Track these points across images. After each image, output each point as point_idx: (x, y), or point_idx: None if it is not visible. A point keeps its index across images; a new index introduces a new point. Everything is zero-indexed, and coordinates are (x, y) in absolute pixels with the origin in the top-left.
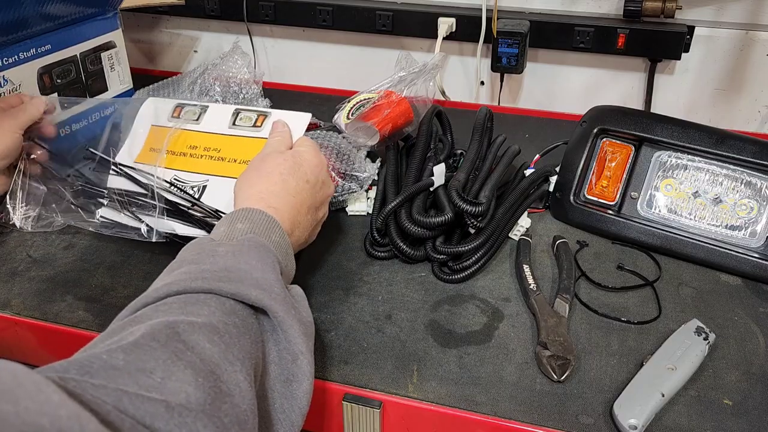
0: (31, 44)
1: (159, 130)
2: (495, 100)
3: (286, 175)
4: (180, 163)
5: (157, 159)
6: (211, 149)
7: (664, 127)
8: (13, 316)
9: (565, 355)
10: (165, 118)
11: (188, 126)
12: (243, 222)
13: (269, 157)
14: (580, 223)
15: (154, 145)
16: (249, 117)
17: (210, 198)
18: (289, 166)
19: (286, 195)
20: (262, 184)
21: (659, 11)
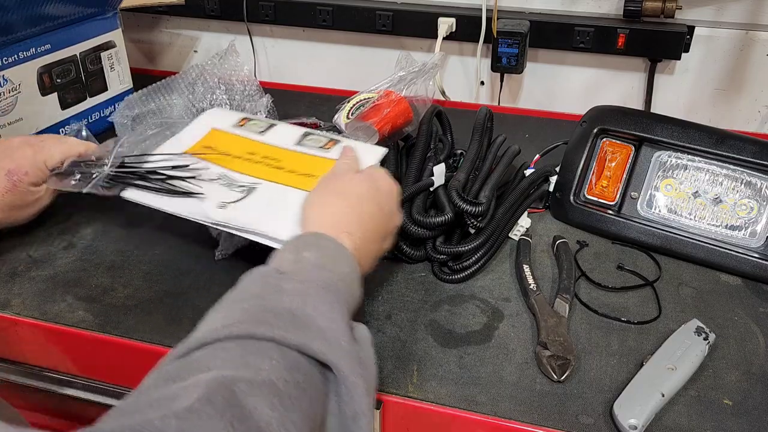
0: (30, 44)
1: (219, 133)
2: (495, 100)
3: (362, 198)
4: (233, 164)
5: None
6: (270, 158)
7: (664, 127)
8: (13, 316)
9: (565, 355)
10: (229, 124)
11: (252, 136)
12: (312, 250)
13: (344, 175)
14: (580, 223)
15: (210, 143)
16: (318, 139)
17: (255, 201)
18: (366, 189)
19: (360, 220)
20: (335, 204)
21: (659, 11)
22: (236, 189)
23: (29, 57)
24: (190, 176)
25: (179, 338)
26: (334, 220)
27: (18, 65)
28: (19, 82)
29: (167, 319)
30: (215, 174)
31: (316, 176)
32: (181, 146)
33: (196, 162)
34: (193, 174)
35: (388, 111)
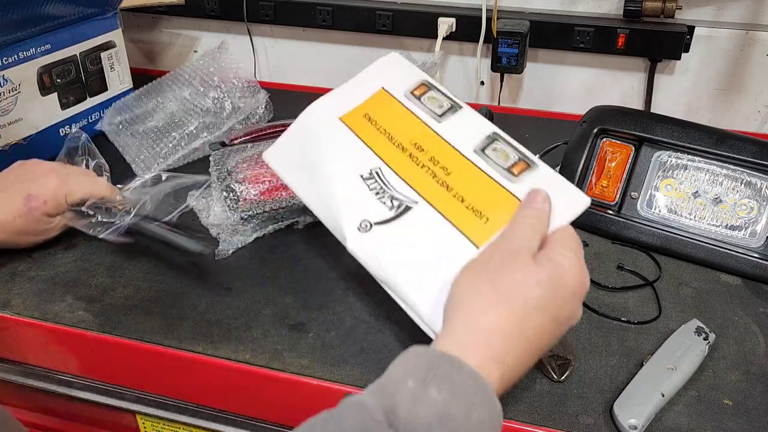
0: (30, 44)
1: (387, 99)
2: (495, 100)
3: (532, 309)
4: (393, 157)
5: (368, 134)
6: (440, 164)
7: (664, 127)
8: (13, 316)
9: (565, 355)
10: (402, 88)
11: (425, 118)
12: (440, 389)
13: (518, 261)
14: (580, 223)
15: (372, 114)
16: (506, 153)
17: (404, 232)
18: (542, 295)
19: (520, 340)
20: (495, 311)
21: (659, 11)
22: (387, 200)
23: (29, 57)
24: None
25: (179, 338)
26: (484, 338)
27: (18, 65)
28: (19, 82)
29: (167, 319)
30: (366, 167)
31: (489, 219)
32: (339, 109)
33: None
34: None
35: None
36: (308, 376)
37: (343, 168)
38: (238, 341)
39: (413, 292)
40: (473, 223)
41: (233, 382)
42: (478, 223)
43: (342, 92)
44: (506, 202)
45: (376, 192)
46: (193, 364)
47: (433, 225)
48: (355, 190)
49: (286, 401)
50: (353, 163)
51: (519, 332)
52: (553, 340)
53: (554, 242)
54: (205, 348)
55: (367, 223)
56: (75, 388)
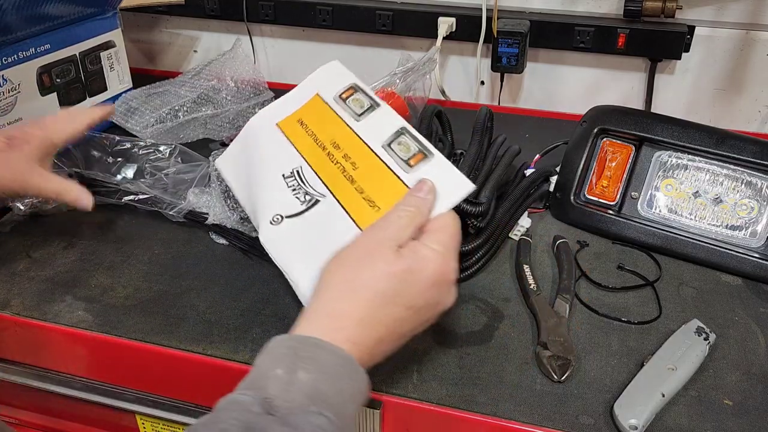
0: (30, 44)
1: (319, 104)
2: (495, 100)
3: (381, 299)
4: (314, 156)
5: (297, 137)
6: (351, 160)
7: (665, 127)
8: (13, 316)
9: (565, 355)
10: (333, 93)
11: (347, 118)
12: (308, 370)
13: (379, 252)
14: (580, 223)
15: (304, 118)
16: (407, 146)
17: (309, 223)
18: (391, 287)
19: (375, 325)
20: (346, 300)
21: (659, 11)
22: (300, 195)
23: (29, 57)
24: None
25: (179, 338)
26: (338, 324)
27: (18, 65)
28: (19, 82)
29: (167, 319)
30: (289, 167)
31: (380, 209)
32: (279, 115)
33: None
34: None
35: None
36: None
37: (270, 169)
38: (238, 341)
39: (303, 280)
40: (366, 213)
41: (233, 382)
42: (370, 213)
43: (283, 101)
44: (398, 191)
45: (293, 189)
46: (193, 364)
47: (333, 216)
48: (277, 189)
49: None
50: (280, 164)
51: (372, 319)
52: (420, 325)
53: (427, 233)
54: (205, 348)
55: (279, 216)
56: (75, 388)
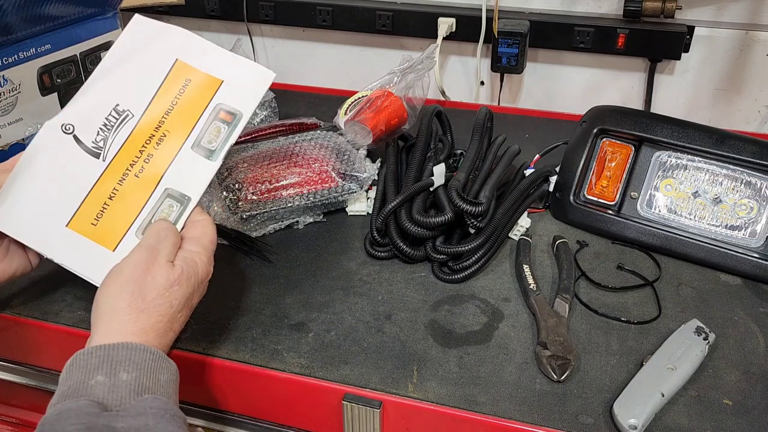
0: (30, 44)
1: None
2: (495, 100)
3: (177, 307)
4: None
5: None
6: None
7: (664, 127)
8: (13, 316)
9: (565, 355)
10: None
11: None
12: (128, 370)
13: (157, 269)
14: (580, 223)
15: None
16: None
17: (77, 161)
18: (184, 293)
19: (169, 330)
20: (145, 319)
21: (659, 11)
22: (102, 133)
23: (29, 57)
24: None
25: (179, 338)
26: (143, 335)
27: (18, 65)
28: (19, 82)
29: None
30: (128, 104)
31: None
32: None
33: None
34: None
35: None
36: (308, 376)
37: (116, 89)
38: (238, 341)
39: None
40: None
41: (233, 382)
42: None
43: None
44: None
45: (105, 122)
46: (193, 365)
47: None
48: (96, 106)
49: (286, 401)
50: (126, 94)
51: (170, 326)
52: (189, 315)
53: (187, 241)
54: (205, 348)
55: (71, 126)
56: None
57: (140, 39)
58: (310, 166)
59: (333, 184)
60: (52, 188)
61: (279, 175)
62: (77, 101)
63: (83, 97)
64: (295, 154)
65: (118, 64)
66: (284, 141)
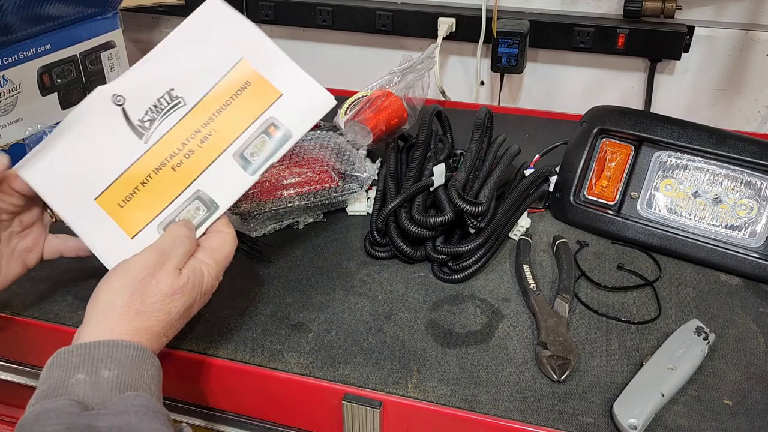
0: (30, 44)
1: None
2: (495, 100)
3: (175, 315)
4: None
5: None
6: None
7: (664, 127)
8: (13, 316)
9: (565, 355)
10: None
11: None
12: (109, 368)
13: (163, 275)
14: (580, 223)
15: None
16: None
17: (123, 137)
18: (184, 303)
19: (167, 331)
20: (140, 322)
21: (659, 11)
22: (150, 114)
23: (29, 57)
24: None
25: (177, 338)
26: (136, 336)
27: (18, 65)
28: (19, 82)
29: None
30: (180, 90)
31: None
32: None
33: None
34: None
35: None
36: (308, 376)
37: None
38: (238, 341)
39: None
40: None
41: (234, 382)
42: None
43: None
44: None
45: (155, 104)
46: (193, 364)
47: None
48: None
49: (286, 401)
50: (177, 78)
51: (163, 332)
52: (194, 310)
53: (203, 249)
54: (205, 348)
55: (122, 98)
56: None
57: (211, 24)
58: (310, 166)
59: (333, 184)
60: (89, 157)
61: (279, 175)
62: (133, 73)
63: (140, 70)
64: (295, 154)
65: (182, 45)
66: None
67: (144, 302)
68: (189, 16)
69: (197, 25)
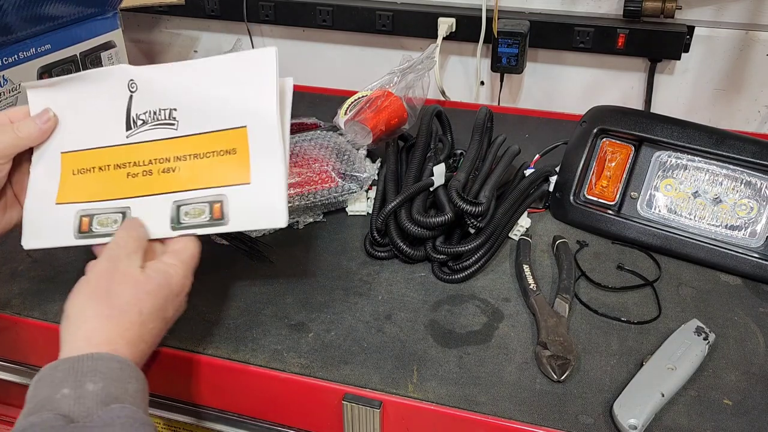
0: (30, 44)
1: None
2: (495, 100)
3: (147, 315)
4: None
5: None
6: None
7: (664, 127)
8: (13, 316)
9: (565, 355)
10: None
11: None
12: (94, 381)
13: (127, 277)
14: (580, 223)
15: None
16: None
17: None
18: (154, 303)
19: (142, 335)
20: (113, 326)
21: (659, 11)
22: (150, 114)
23: (29, 57)
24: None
25: (179, 338)
26: (110, 345)
27: (18, 65)
28: (19, 82)
29: None
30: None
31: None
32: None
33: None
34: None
35: (376, 108)
36: (308, 376)
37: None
38: (238, 341)
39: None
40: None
41: (234, 382)
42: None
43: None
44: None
45: (147, 117)
46: (193, 364)
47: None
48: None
49: (286, 401)
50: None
51: (140, 336)
52: (165, 330)
53: (168, 253)
54: (205, 348)
55: (135, 84)
56: None
57: (250, 73)
58: (310, 166)
59: (333, 184)
60: (82, 115)
61: None
62: (158, 72)
63: (165, 73)
64: (295, 154)
65: (212, 76)
66: None
67: (112, 306)
68: (242, 53)
69: (241, 65)
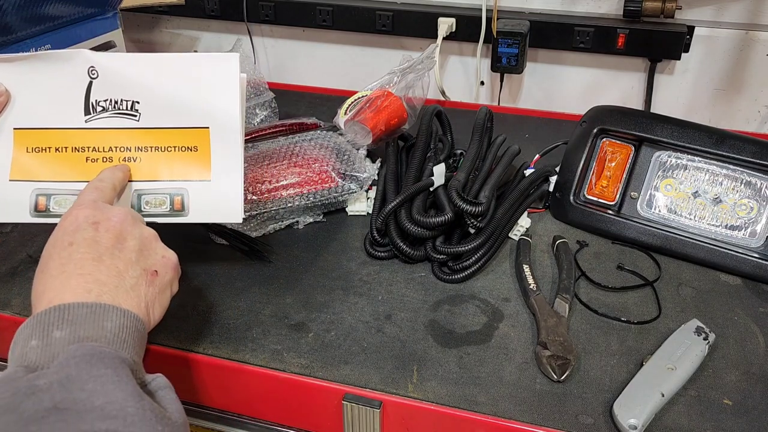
0: (31, 44)
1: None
2: (495, 100)
3: (106, 246)
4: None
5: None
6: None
7: (664, 127)
8: (13, 315)
9: (565, 355)
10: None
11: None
12: (60, 327)
13: (63, 223)
14: (580, 223)
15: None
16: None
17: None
18: (113, 236)
19: (119, 271)
20: (75, 274)
21: (659, 11)
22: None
23: None
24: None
25: (179, 338)
26: (72, 286)
27: None
28: None
29: (167, 319)
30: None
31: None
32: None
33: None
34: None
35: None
36: (308, 376)
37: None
38: (238, 341)
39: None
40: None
41: (234, 382)
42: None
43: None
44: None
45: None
46: (193, 364)
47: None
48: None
49: (286, 401)
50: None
51: (117, 275)
52: (134, 263)
53: (112, 216)
54: (205, 348)
55: (95, 71)
56: None
57: (215, 75)
58: (310, 166)
59: (333, 184)
60: (38, 94)
61: (279, 175)
62: (121, 61)
63: (127, 63)
64: (295, 154)
65: (177, 72)
66: (284, 141)
67: (70, 257)
68: (206, 55)
69: (204, 67)
